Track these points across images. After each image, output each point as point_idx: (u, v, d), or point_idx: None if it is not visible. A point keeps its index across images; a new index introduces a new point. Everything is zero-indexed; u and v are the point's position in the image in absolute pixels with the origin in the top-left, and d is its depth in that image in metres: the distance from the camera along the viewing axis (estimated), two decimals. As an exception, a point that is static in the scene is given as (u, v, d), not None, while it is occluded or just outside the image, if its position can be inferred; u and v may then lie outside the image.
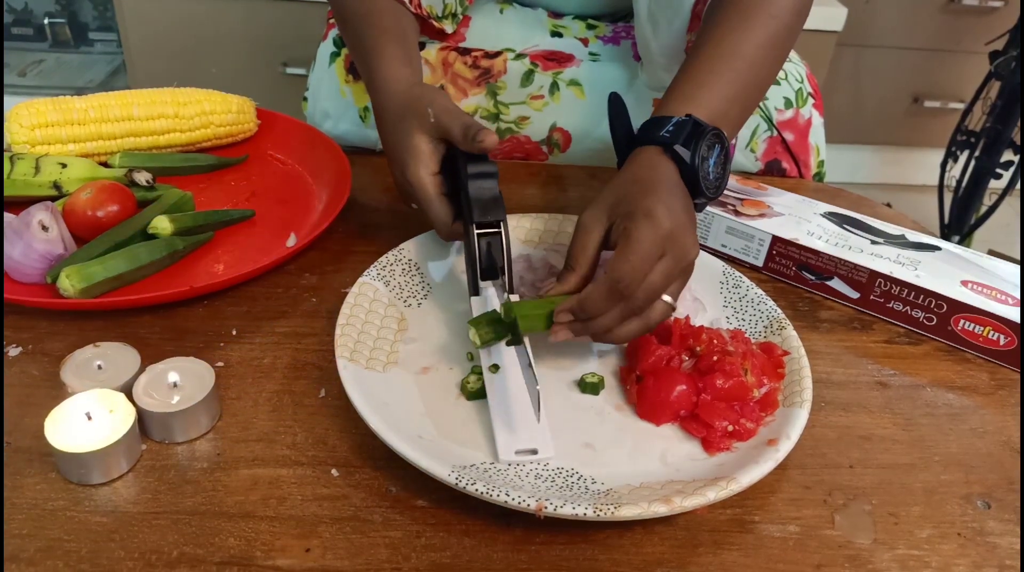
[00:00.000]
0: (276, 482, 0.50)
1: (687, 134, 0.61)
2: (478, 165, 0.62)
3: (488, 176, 0.61)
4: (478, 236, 0.60)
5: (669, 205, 0.57)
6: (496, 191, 0.61)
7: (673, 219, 0.56)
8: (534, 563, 0.47)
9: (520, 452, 0.52)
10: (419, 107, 0.65)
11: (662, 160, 0.61)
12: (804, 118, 0.91)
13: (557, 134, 0.90)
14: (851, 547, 0.49)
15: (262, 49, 2.06)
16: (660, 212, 0.56)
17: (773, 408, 0.56)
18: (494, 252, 0.60)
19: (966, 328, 0.66)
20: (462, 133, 0.62)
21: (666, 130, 0.62)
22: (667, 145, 0.61)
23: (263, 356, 0.60)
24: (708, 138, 0.61)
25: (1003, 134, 2.05)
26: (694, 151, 0.60)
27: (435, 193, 0.65)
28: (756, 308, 0.66)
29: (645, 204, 0.56)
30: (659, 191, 0.58)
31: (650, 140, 0.62)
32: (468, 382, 0.57)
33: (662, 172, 0.60)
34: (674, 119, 0.62)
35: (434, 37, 0.88)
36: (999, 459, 0.57)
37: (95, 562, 0.45)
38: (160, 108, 0.81)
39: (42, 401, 0.53)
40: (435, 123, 0.64)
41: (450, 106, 0.65)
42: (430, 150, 0.65)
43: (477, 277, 0.61)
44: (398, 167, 0.67)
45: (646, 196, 0.57)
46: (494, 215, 0.60)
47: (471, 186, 0.61)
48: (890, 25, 2.33)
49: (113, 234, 0.67)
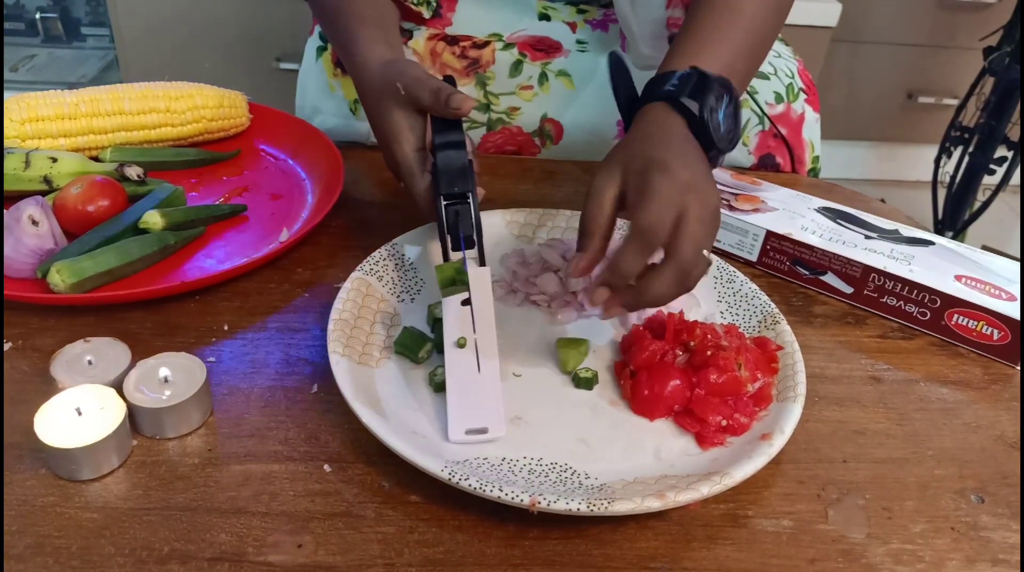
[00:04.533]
0: (268, 478, 0.50)
1: (693, 86, 0.59)
2: (445, 134, 0.60)
3: (454, 146, 0.60)
4: (445, 207, 0.59)
5: (683, 158, 0.55)
6: (464, 160, 0.60)
7: (690, 170, 0.54)
8: (527, 558, 0.47)
9: (470, 431, 0.52)
10: (391, 82, 0.64)
11: (670, 115, 0.59)
12: (796, 113, 0.91)
13: (549, 125, 0.89)
14: (845, 541, 0.49)
15: (255, 44, 2.05)
16: (676, 164, 0.53)
17: (767, 403, 0.56)
18: (462, 223, 0.59)
19: (960, 323, 0.66)
20: (432, 99, 0.61)
21: (670, 84, 0.59)
22: (673, 99, 0.59)
23: (255, 351, 0.60)
24: (716, 89, 0.59)
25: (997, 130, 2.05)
26: (702, 102, 0.58)
27: (418, 169, 0.64)
28: (750, 303, 0.66)
29: (658, 157, 0.54)
30: (671, 145, 0.56)
31: (655, 96, 0.60)
32: (436, 374, 0.56)
33: (671, 127, 0.58)
34: (678, 73, 0.60)
35: (417, 22, 0.88)
36: (992, 453, 0.57)
37: (85, 558, 0.45)
38: (151, 102, 0.80)
39: (32, 397, 0.52)
40: (406, 95, 0.63)
41: (419, 74, 0.63)
42: (409, 125, 0.64)
43: (447, 249, 0.60)
44: (384, 146, 0.67)
45: (657, 150, 0.55)
46: (461, 186, 0.59)
47: (439, 156, 0.60)
48: (884, 21, 2.33)
49: (104, 229, 0.67)
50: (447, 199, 0.59)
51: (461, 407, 0.53)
